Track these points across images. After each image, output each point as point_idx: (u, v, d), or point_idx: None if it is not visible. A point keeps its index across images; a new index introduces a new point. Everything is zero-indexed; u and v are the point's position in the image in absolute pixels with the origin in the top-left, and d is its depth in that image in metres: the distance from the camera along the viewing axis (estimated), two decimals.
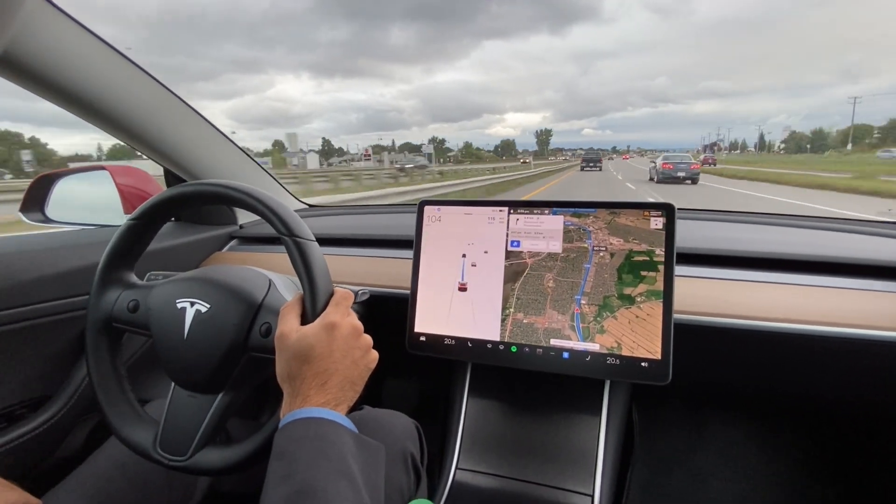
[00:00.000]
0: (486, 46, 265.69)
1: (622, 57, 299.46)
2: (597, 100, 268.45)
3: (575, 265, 0.75)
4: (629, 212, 0.74)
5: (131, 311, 0.59)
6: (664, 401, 1.21)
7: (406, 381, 1.37)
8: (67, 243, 0.83)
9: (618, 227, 0.74)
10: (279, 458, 0.42)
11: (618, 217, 0.74)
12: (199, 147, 1.00)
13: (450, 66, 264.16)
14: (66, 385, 0.80)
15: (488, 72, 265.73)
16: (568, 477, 0.79)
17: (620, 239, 0.73)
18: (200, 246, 1.05)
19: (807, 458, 1.13)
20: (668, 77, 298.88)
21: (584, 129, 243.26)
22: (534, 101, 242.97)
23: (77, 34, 0.70)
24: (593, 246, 0.74)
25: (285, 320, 0.50)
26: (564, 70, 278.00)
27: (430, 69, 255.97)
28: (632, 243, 0.72)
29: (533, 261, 0.77)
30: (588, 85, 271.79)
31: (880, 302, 0.71)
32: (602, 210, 0.75)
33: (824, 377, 0.81)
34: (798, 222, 1.00)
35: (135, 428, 0.57)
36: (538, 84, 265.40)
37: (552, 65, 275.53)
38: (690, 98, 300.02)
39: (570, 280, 0.75)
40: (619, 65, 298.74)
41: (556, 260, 0.76)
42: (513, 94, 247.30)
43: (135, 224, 0.59)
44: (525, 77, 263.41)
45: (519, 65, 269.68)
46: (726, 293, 0.76)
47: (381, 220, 1.29)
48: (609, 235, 0.74)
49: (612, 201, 0.75)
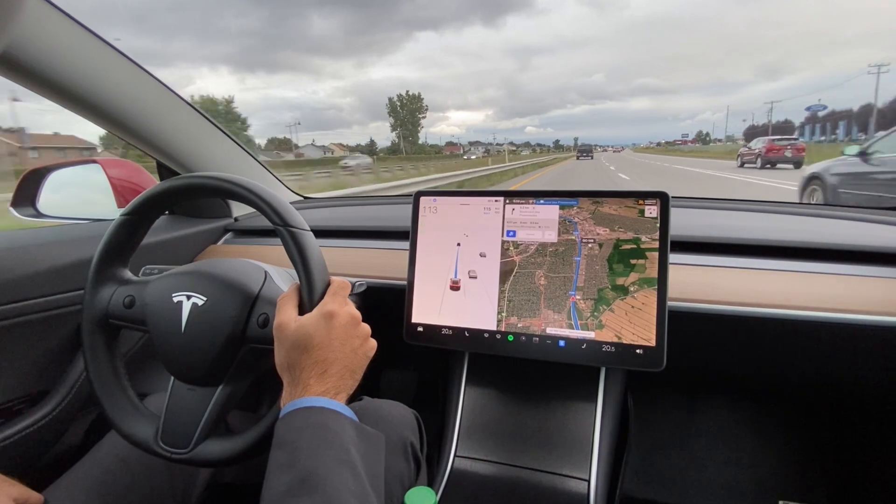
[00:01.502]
0: (419, 39, 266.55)
1: (559, 53, 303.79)
2: (537, 97, 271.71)
3: (565, 259, 0.74)
4: (612, 201, 0.74)
5: (127, 306, 0.59)
6: (659, 386, 1.22)
7: (404, 371, 1.38)
8: (60, 238, 0.82)
9: (602, 217, 0.74)
10: (281, 448, 0.42)
11: (601, 206, 0.74)
12: (193, 140, 0.99)
13: (383, 61, 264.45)
14: (63, 379, 0.80)
15: (425, 68, 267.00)
16: (565, 462, 0.80)
17: (606, 229, 0.73)
18: (195, 239, 1.05)
19: (799, 441, 1.15)
20: (605, 74, 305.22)
21: (527, 127, 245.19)
22: (475, 99, 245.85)
23: (69, 28, 0.69)
24: (581, 238, 0.74)
25: (283, 310, 0.51)
26: (502, 66, 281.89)
27: (363, 63, 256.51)
28: (618, 232, 0.73)
29: (521, 258, 0.76)
30: (528, 82, 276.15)
31: (870, 287, 0.72)
32: (584, 200, 0.75)
33: (816, 361, 0.83)
34: (788, 209, 1.01)
35: (136, 422, 0.58)
36: (478, 81, 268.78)
37: (489, 61, 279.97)
38: (626, 95, 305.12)
39: (561, 275, 0.74)
40: (557, 61, 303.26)
41: (544, 255, 0.75)
42: (454, 92, 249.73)
43: (128, 219, 0.59)
44: (464, 74, 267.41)
45: (456, 60, 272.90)
46: (719, 280, 0.77)
47: (376, 211, 1.29)
48: (595, 226, 0.74)
49: (603, 190, 0.74)
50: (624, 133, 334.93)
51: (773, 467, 1.15)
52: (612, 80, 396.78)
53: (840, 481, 1.10)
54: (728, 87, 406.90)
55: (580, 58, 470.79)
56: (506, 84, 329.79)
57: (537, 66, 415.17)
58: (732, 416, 1.21)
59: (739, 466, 1.17)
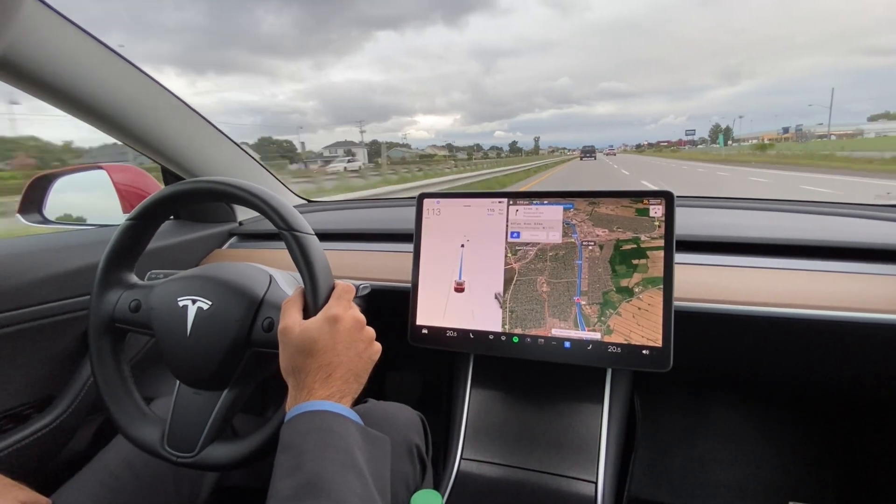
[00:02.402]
0: (379, 38, 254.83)
1: (524, 55, 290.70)
2: (504, 101, 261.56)
3: (566, 263, 0.73)
4: (608, 201, 0.73)
5: (133, 311, 0.59)
6: (665, 387, 1.21)
7: (409, 373, 1.37)
8: (67, 244, 0.83)
9: (600, 218, 0.73)
10: (286, 451, 0.42)
11: (598, 207, 0.73)
12: (197, 144, 0.99)
13: (342, 62, 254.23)
14: (71, 384, 0.80)
15: (388, 70, 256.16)
16: (572, 464, 0.80)
17: (605, 230, 0.72)
18: (200, 244, 1.05)
19: (809, 441, 1.14)
20: (570, 78, 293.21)
21: (496, 132, 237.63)
22: (443, 103, 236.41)
23: (71, 34, 0.69)
24: (581, 240, 0.73)
25: (288, 314, 0.51)
26: (467, 69, 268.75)
27: (321, 64, 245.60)
28: (617, 232, 0.72)
29: (521, 265, 0.75)
30: (494, 85, 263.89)
31: (880, 285, 0.72)
32: (581, 202, 0.74)
33: (825, 361, 0.82)
34: (793, 207, 1.01)
35: (142, 426, 0.58)
36: (444, 84, 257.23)
37: (454, 63, 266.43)
38: (592, 99, 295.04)
39: (564, 280, 0.73)
40: (522, 64, 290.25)
41: (545, 261, 0.74)
42: (420, 95, 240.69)
43: (133, 224, 0.59)
44: (429, 77, 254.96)
45: (419, 63, 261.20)
46: (725, 279, 0.77)
47: (380, 214, 1.29)
48: (594, 227, 0.73)
49: (606, 190, 0.74)
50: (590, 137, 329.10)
51: (781, 468, 1.14)
52: (578, 83, 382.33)
53: (850, 482, 1.09)
54: (690, 92, 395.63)
55: (546, 61, 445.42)
56: (472, 87, 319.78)
57: (502, 68, 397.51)
58: (740, 416, 1.20)
59: (748, 467, 1.16)
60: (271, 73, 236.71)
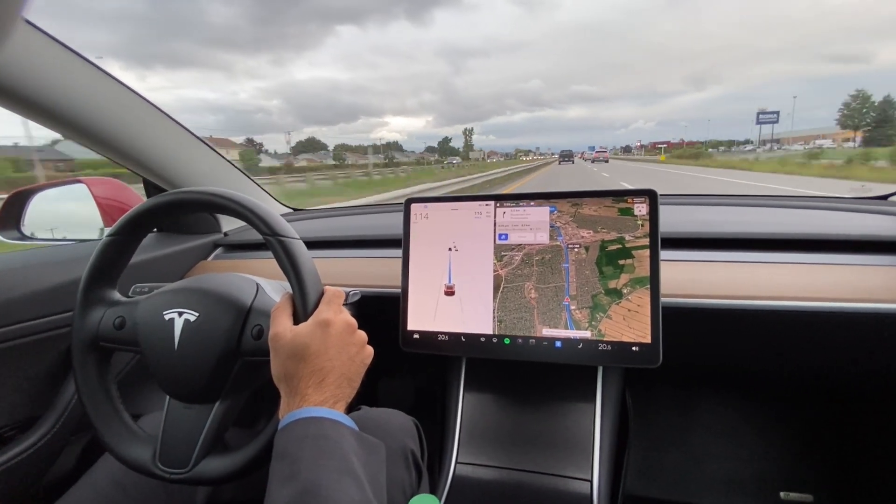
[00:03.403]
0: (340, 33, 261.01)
1: (493, 56, 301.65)
2: (476, 103, 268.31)
3: (553, 267, 0.73)
4: (591, 201, 0.73)
5: (118, 328, 0.58)
6: (656, 384, 1.23)
7: (402, 379, 1.37)
8: (46, 260, 0.81)
9: (584, 219, 0.73)
10: (281, 459, 0.42)
11: (581, 208, 0.74)
12: (178, 155, 0.98)
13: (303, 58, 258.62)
14: (54, 404, 0.78)
15: (354, 68, 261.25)
16: (567, 464, 0.80)
17: (590, 231, 0.73)
18: (185, 256, 1.04)
19: (798, 433, 1.16)
20: (542, 80, 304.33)
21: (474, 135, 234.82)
22: (414, 104, 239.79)
23: (44, 44, 0.68)
24: (566, 243, 0.73)
25: (278, 321, 0.50)
26: (436, 69, 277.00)
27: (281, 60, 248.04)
28: (601, 233, 0.72)
29: (507, 271, 0.75)
30: (465, 86, 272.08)
31: (859, 275, 0.74)
32: (564, 203, 0.74)
33: (809, 352, 0.84)
34: (777, 203, 1.03)
35: (132, 445, 0.56)
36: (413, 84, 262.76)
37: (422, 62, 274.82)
38: (563, 102, 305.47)
39: (552, 285, 0.73)
40: (492, 64, 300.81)
41: (531, 265, 0.74)
42: (389, 96, 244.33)
43: (115, 239, 0.58)
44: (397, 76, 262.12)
45: (386, 61, 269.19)
46: (709, 275, 0.78)
47: (367, 220, 1.29)
48: (578, 228, 0.73)
49: (588, 191, 0.74)
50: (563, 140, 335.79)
51: (772, 460, 1.16)
52: (549, 86, 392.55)
53: (840, 471, 1.11)
54: (659, 97, 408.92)
55: (516, 62, 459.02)
56: (442, 88, 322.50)
57: (472, 69, 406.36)
58: (730, 410, 1.22)
59: (739, 460, 1.17)
60: (227, 68, 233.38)
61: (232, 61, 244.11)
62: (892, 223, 0.86)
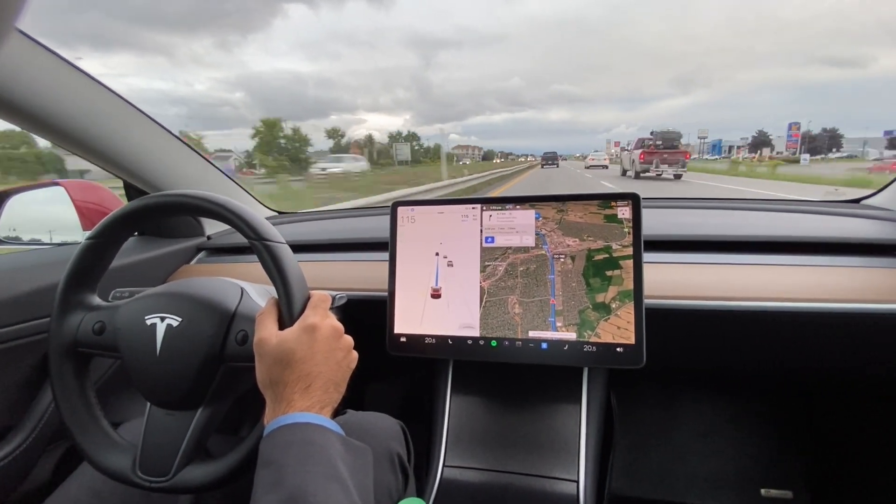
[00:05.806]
0: (289, 14, 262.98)
1: (466, 48, 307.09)
2: (453, 101, 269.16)
3: (538, 279, 0.71)
4: (577, 207, 0.72)
5: (97, 333, 0.56)
6: (640, 384, 1.25)
7: (389, 383, 1.36)
8: (21, 265, 0.79)
9: (570, 226, 0.71)
10: (267, 466, 0.41)
11: (567, 214, 0.72)
12: (159, 157, 0.97)
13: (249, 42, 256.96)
14: (29, 413, 0.76)
15: (315, 59, 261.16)
16: (553, 465, 0.80)
17: (576, 239, 0.71)
18: (167, 260, 1.02)
19: (778, 430, 1.19)
20: (521, 78, 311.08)
21: (450, 135, 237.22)
22: (388, 101, 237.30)
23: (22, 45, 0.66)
24: (552, 252, 0.71)
25: (263, 326, 0.50)
26: (405, 62, 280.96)
27: (226, 43, 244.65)
28: (588, 242, 0.70)
29: (490, 283, 0.72)
30: (440, 83, 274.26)
31: (835, 276, 0.76)
32: (549, 209, 0.73)
33: (786, 351, 0.86)
34: (757, 206, 1.06)
35: (111, 454, 0.55)
36: (383, 79, 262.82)
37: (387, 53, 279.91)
38: (544, 103, 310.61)
39: (537, 300, 0.71)
40: (466, 58, 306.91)
41: (515, 277, 0.72)
42: (360, 91, 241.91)
43: (94, 242, 0.57)
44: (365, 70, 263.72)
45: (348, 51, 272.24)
46: (692, 277, 0.80)
47: (353, 223, 1.28)
48: (564, 236, 0.71)
49: (568, 194, 0.73)
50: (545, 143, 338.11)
51: (753, 457, 1.18)
52: (529, 84, 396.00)
53: (818, 468, 1.14)
54: (643, 101, 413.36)
55: (494, 58, 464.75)
56: (416, 84, 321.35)
57: (445, 63, 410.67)
58: (712, 409, 1.24)
59: (722, 458, 1.20)
60: (167, 52, 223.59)
61: (171, 44, 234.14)
62: (863, 226, 0.89)
